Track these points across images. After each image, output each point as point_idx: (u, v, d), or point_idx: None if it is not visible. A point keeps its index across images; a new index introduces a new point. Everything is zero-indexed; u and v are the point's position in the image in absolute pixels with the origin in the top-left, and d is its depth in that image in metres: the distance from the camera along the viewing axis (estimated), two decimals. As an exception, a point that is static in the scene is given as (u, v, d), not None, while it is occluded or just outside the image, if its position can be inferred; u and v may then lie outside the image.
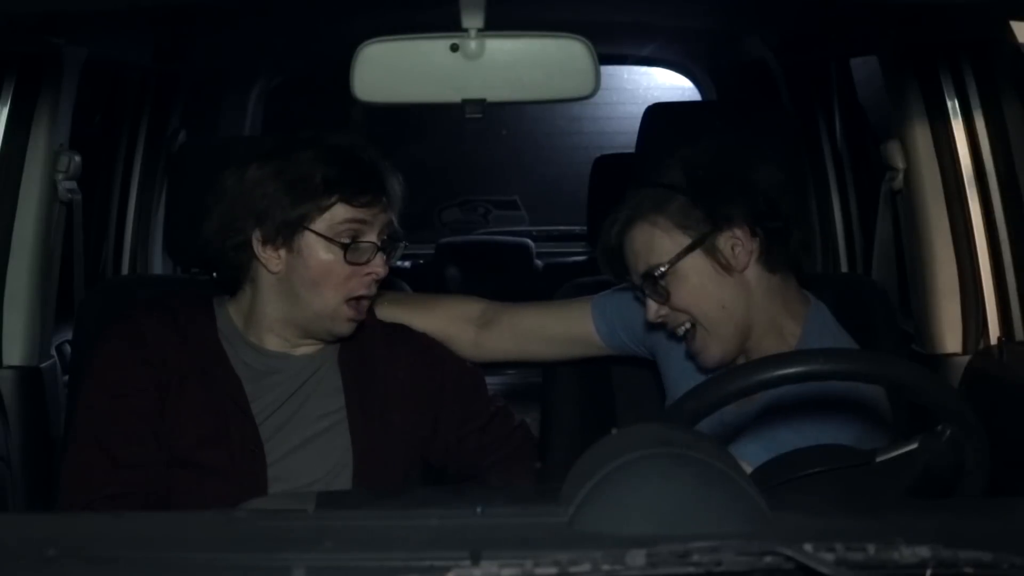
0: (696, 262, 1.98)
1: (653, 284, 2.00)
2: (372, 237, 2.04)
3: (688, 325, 2.02)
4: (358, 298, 2.06)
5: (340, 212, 2.01)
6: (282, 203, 2.00)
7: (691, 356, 2.08)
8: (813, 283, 2.18)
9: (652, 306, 2.03)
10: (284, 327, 2.10)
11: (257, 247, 2.03)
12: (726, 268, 1.98)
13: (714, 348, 2.01)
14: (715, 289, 1.99)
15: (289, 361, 2.11)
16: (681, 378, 2.10)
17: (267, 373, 2.10)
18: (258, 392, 2.08)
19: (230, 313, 2.13)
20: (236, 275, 2.10)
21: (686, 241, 1.98)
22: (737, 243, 1.98)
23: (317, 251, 2.02)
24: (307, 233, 2.01)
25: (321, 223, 2.01)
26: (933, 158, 2.54)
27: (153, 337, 2.07)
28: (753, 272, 2.00)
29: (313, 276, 2.03)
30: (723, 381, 1.59)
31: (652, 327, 2.16)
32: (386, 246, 2.07)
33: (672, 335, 2.10)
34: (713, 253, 1.98)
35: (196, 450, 2.03)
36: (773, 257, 2.00)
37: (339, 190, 2.01)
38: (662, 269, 1.99)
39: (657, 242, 2.00)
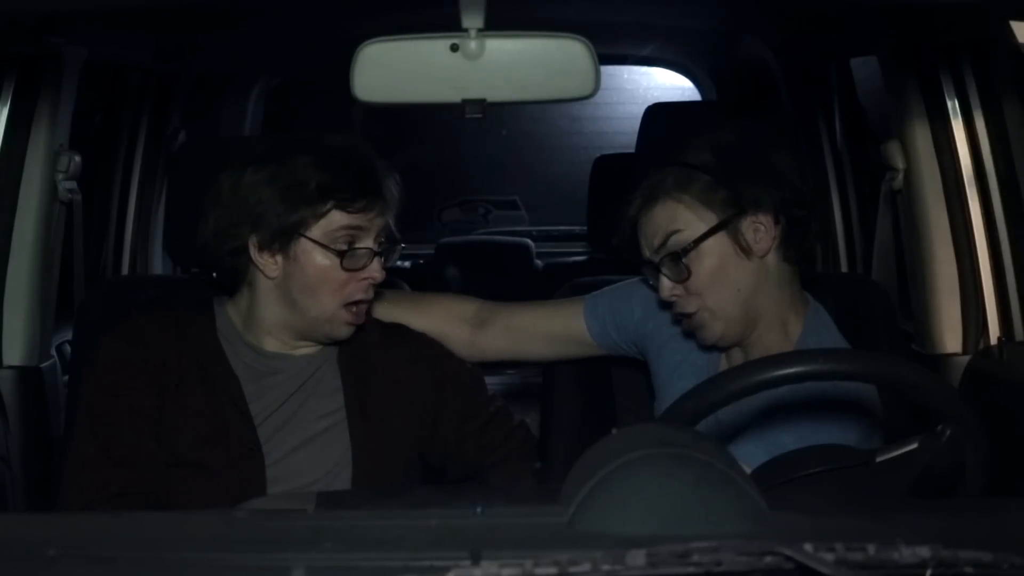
0: (719, 242, 1.97)
1: (674, 261, 1.99)
2: (369, 243, 2.04)
3: (694, 309, 2.01)
4: (356, 302, 2.05)
5: (336, 219, 2.01)
6: (277, 209, 1.99)
7: (679, 338, 2.09)
8: (813, 283, 2.18)
9: (666, 284, 2.01)
10: (282, 331, 2.09)
11: (253, 252, 2.03)
12: (746, 251, 1.97)
13: (717, 327, 2.01)
14: (734, 271, 1.98)
15: (288, 361, 2.11)
16: (672, 379, 2.10)
17: (266, 373, 2.10)
18: (258, 392, 2.08)
19: (229, 314, 2.13)
20: (234, 278, 2.10)
21: (713, 220, 1.97)
22: (760, 227, 1.97)
23: (313, 258, 2.01)
24: (303, 240, 2.01)
25: (317, 230, 2.00)
26: (933, 158, 2.55)
27: (152, 337, 2.07)
28: (772, 259, 2.00)
29: (310, 282, 2.02)
30: (723, 381, 1.60)
31: (643, 321, 2.17)
32: (383, 250, 2.06)
33: (662, 326, 2.12)
34: (736, 235, 1.97)
35: (195, 450, 2.03)
36: (792, 247, 2.00)
37: (334, 196, 2.00)
38: (685, 246, 1.97)
39: (681, 219, 1.98)
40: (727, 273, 1.98)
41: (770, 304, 2.01)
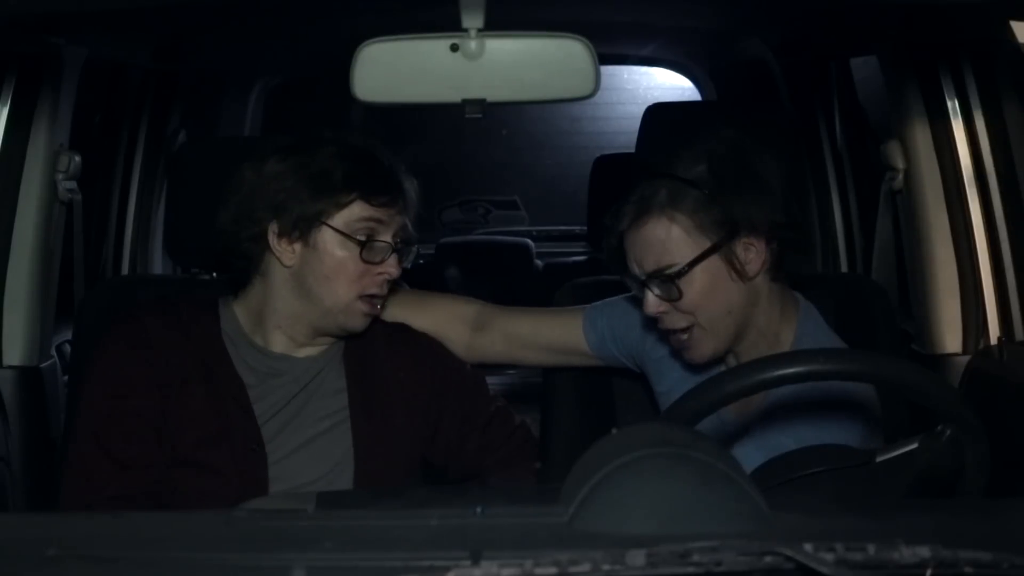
0: (712, 265, 1.92)
1: (665, 282, 1.94)
2: (387, 237, 2.06)
3: (684, 325, 1.97)
4: (371, 295, 2.06)
5: (358, 210, 2.03)
6: (301, 197, 2.02)
7: (676, 353, 2.05)
8: (813, 283, 2.17)
9: (653, 300, 1.95)
10: (293, 324, 2.10)
11: (272, 239, 2.04)
12: (739, 273, 1.93)
13: (707, 346, 1.98)
14: (725, 293, 1.94)
15: (292, 363, 2.11)
16: (673, 392, 2.09)
17: (270, 375, 2.10)
18: (261, 393, 2.08)
19: (236, 313, 2.14)
20: (247, 268, 2.11)
21: (706, 243, 1.92)
22: (753, 249, 1.93)
23: (333, 247, 2.03)
24: (324, 228, 2.03)
25: (339, 219, 2.03)
26: (933, 158, 2.54)
27: (156, 337, 2.07)
28: (761, 280, 1.97)
29: (327, 271, 2.04)
30: (723, 381, 1.59)
31: (642, 338, 2.15)
32: (399, 248, 2.07)
33: (660, 342, 2.10)
34: (729, 257, 1.92)
35: (198, 449, 2.03)
36: (781, 267, 1.99)
37: (358, 187, 2.03)
38: (678, 269, 1.93)
39: (674, 241, 1.92)
40: (718, 294, 1.93)
41: (758, 320, 1.99)
